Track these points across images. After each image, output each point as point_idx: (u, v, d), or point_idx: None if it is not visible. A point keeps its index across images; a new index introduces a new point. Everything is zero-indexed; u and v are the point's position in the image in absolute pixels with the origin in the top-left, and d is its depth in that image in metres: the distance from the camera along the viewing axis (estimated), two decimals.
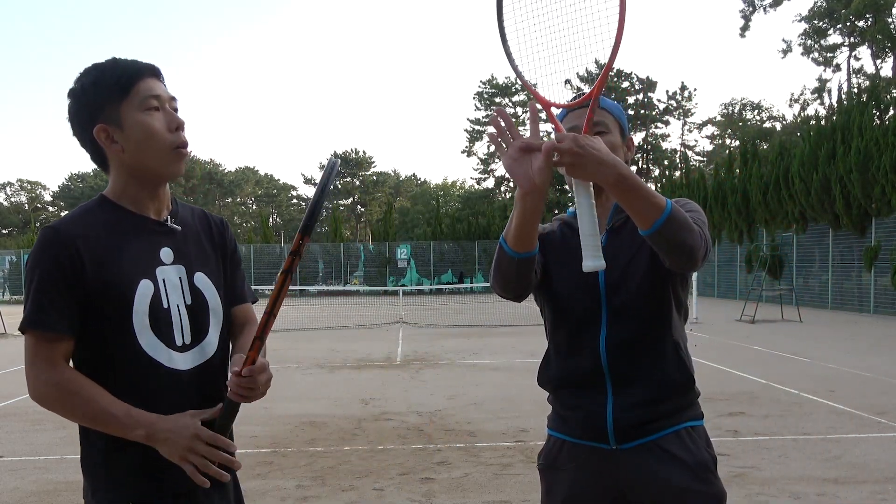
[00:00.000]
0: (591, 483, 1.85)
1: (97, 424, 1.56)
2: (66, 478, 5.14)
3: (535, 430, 6.25)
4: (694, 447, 1.81)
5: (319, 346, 13.09)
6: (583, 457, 1.86)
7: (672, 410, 1.81)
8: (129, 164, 1.64)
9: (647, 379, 1.80)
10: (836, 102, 21.09)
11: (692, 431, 1.83)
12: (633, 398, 1.79)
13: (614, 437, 1.80)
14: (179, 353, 1.65)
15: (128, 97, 1.60)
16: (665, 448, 1.79)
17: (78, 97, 1.63)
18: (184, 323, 1.67)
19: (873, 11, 33.09)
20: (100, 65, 1.64)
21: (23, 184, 69.15)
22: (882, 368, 9.49)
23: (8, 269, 34.95)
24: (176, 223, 1.73)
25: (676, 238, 1.55)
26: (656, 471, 1.78)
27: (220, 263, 1.81)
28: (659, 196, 1.54)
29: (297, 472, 5.17)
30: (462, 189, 64.10)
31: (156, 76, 1.66)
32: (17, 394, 8.50)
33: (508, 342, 13.12)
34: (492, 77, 55.88)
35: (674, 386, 1.81)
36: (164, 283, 1.65)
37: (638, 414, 1.79)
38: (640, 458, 1.79)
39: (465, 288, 33.91)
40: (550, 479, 1.94)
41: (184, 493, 1.63)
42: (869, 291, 18.88)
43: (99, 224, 1.62)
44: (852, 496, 4.52)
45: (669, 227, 1.53)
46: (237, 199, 70.98)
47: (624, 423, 1.79)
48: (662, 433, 1.80)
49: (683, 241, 1.56)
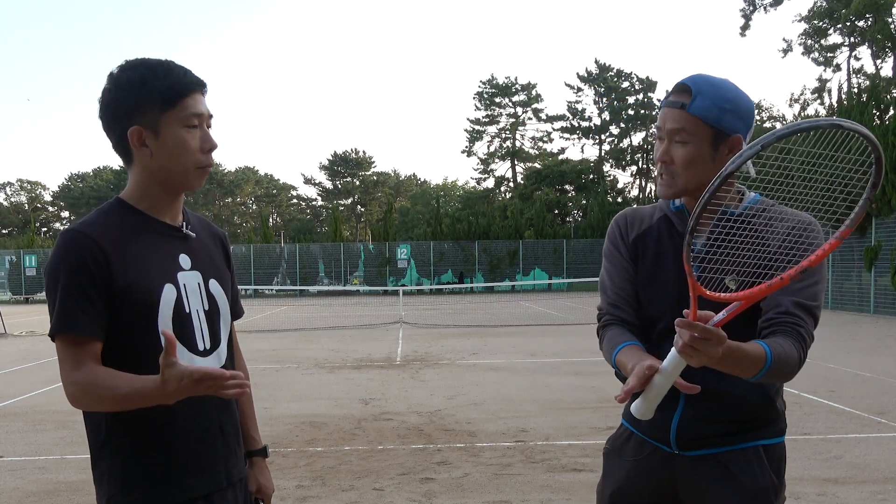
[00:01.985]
0: (647, 479, 1.87)
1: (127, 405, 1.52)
2: (66, 478, 5.14)
3: (535, 430, 6.24)
4: (758, 470, 1.76)
5: (319, 346, 13.09)
6: (646, 453, 1.87)
7: (742, 428, 1.78)
8: (153, 170, 1.64)
9: (718, 395, 1.75)
10: (837, 102, 21.11)
11: (763, 451, 1.78)
12: (701, 411, 1.77)
13: (676, 443, 1.81)
14: (202, 358, 1.66)
15: (173, 109, 1.59)
16: (726, 464, 1.77)
17: (121, 89, 1.60)
18: (204, 328, 1.68)
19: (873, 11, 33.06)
20: (151, 64, 1.62)
21: (23, 184, 69.19)
22: (882, 368, 9.50)
23: (8, 269, 34.94)
24: (189, 231, 1.74)
25: (775, 380, 1.66)
26: (709, 486, 1.77)
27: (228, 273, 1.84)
28: (757, 355, 1.56)
29: (296, 472, 5.17)
30: (462, 189, 64.13)
31: (203, 92, 1.66)
32: (17, 394, 8.50)
33: (508, 342, 13.10)
34: (492, 77, 55.91)
35: (746, 405, 1.77)
36: (184, 288, 1.66)
37: (703, 427, 1.77)
38: (698, 469, 1.79)
39: (465, 288, 33.91)
40: (610, 464, 1.97)
41: (202, 496, 1.64)
42: (869, 291, 18.89)
43: (120, 226, 1.62)
44: (852, 496, 4.52)
45: (766, 378, 1.61)
46: (237, 199, 70.94)
47: (686, 434, 1.79)
48: (728, 448, 1.77)
49: (780, 379, 1.66)
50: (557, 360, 10.77)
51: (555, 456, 5.45)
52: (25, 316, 23.09)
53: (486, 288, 33.76)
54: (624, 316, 1.87)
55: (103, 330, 1.56)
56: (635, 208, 2.00)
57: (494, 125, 56.36)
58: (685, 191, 1.79)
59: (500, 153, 56.22)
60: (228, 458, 1.72)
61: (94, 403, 1.56)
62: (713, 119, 1.71)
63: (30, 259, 34.72)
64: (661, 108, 1.82)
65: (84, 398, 1.54)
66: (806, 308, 1.67)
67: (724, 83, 1.74)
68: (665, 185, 1.81)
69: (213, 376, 1.41)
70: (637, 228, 1.92)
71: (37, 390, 8.71)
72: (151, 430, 1.60)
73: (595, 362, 10.40)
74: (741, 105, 1.74)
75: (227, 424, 1.72)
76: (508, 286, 33.29)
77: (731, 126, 1.73)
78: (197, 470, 1.64)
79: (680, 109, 1.74)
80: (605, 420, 6.59)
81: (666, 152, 1.77)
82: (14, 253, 35.77)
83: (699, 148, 1.73)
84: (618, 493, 1.92)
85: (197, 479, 1.63)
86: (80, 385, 1.52)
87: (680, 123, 1.73)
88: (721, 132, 1.72)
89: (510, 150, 55.73)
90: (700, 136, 1.73)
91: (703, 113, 1.71)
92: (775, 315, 1.66)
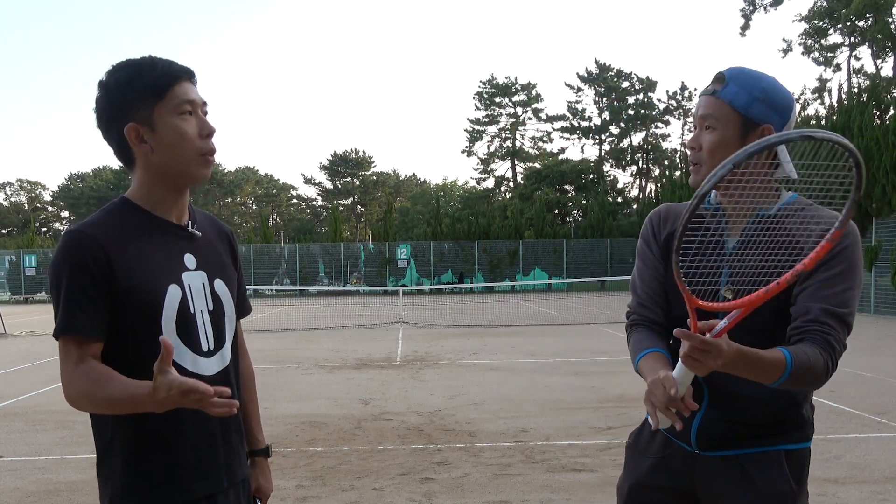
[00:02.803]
0: (666, 477, 1.87)
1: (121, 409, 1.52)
2: (66, 478, 5.14)
3: (535, 430, 6.24)
4: (777, 474, 1.74)
5: (319, 346, 13.09)
6: (667, 451, 1.87)
7: (765, 432, 1.76)
8: (156, 166, 1.63)
9: (741, 398, 1.74)
10: (837, 102, 21.10)
11: (786, 456, 1.75)
12: (723, 413, 1.77)
13: (696, 443, 1.80)
14: (205, 359, 1.66)
15: (163, 100, 1.60)
16: (744, 466, 1.75)
17: (111, 92, 1.62)
18: (208, 329, 1.68)
19: (873, 11, 33.06)
20: (135, 62, 1.63)
21: (22, 184, 69.17)
22: (882, 368, 9.50)
23: (8, 269, 34.93)
24: (196, 229, 1.73)
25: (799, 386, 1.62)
26: (725, 488, 1.76)
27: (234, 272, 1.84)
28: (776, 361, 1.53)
29: (296, 472, 5.17)
30: (462, 189, 64.11)
31: (191, 80, 1.66)
32: (17, 394, 8.50)
33: (508, 342, 13.09)
34: (492, 77, 55.88)
35: (770, 409, 1.75)
36: (189, 289, 1.65)
37: (723, 428, 1.77)
38: (717, 469, 1.78)
39: (465, 288, 33.90)
40: (631, 458, 1.97)
41: (204, 498, 1.65)
42: (869, 291, 18.89)
43: (124, 226, 1.61)
44: (852, 496, 4.52)
45: (789, 384, 1.58)
46: (237, 199, 70.94)
47: (706, 434, 1.78)
48: (748, 450, 1.76)
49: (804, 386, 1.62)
50: (557, 360, 10.77)
51: (555, 456, 5.45)
52: (25, 316, 23.09)
53: (486, 288, 33.75)
54: (652, 316, 1.86)
55: (104, 331, 1.56)
56: (670, 204, 1.97)
57: (494, 125, 56.35)
58: None
59: (500, 153, 56.20)
60: (231, 460, 1.72)
61: (89, 405, 1.56)
62: (741, 106, 1.71)
63: (30, 259, 34.71)
64: (699, 97, 1.83)
65: (80, 400, 1.54)
66: (835, 315, 1.62)
67: (761, 75, 1.75)
68: (693, 173, 1.82)
69: (198, 391, 1.38)
70: (670, 226, 1.89)
71: (37, 390, 8.71)
72: (155, 431, 1.60)
73: (595, 362, 10.40)
74: (775, 96, 1.72)
75: (230, 426, 1.72)
76: (508, 286, 33.29)
77: (762, 115, 1.71)
78: (198, 472, 1.64)
79: (711, 96, 1.75)
80: (605, 420, 6.59)
81: (695, 139, 1.79)
82: (14, 253, 35.76)
83: (726, 134, 1.73)
84: (637, 487, 1.92)
85: (198, 480, 1.63)
86: (77, 386, 1.52)
87: (710, 109, 1.75)
88: (749, 120, 1.71)
89: (510, 150, 55.71)
90: (728, 123, 1.73)
91: (733, 98, 1.72)
92: (803, 323, 1.63)
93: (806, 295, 1.65)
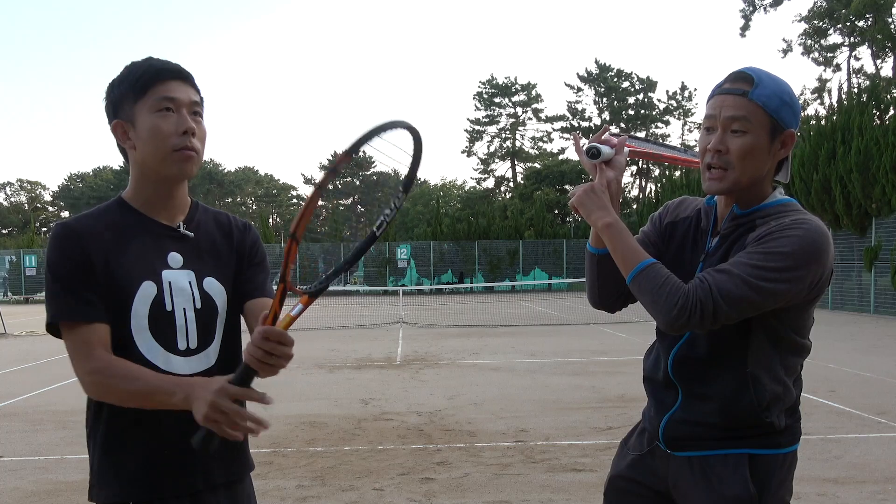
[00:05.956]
0: (645, 474, 1.89)
1: (145, 402, 1.55)
2: (66, 478, 5.14)
3: (535, 430, 6.24)
4: (733, 477, 1.70)
5: (319, 346, 13.08)
6: (647, 448, 1.90)
7: (726, 435, 1.73)
8: (139, 163, 1.67)
9: (709, 399, 1.74)
10: (836, 102, 21.05)
11: (749, 460, 1.71)
12: (689, 414, 1.77)
13: (664, 442, 1.81)
14: (180, 358, 1.65)
15: (144, 97, 1.62)
16: (704, 468, 1.74)
17: (107, 91, 1.68)
18: (190, 328, 1.67)
19: (873, 11, 33.07)
20: (134, 63, 1.68)
21: (23, 184, 69.16)
22: (882, 368, 9.49)
23: (8, 269, 34.92)
24: (190, 229, 1.72)
25: (641, 299, 1.70)
26: (688, 488, 1.77)
27: (238, 268, 1.79)
28: (637, 257, 1.68)
29: (296, 472, 5.17)
30: (462, 189, 64.10)
31: (181, 79, 1.65)
32: (17, 394, 8.50)
33: (508, 342, 13.09)
34: (491, 77, 55.90)
35: (732, 412, 1.71)
36: (169, 287, 1.65)
37: (687, 429, 1.77)
38: (683, 469, 1.79)
39: (465, 288, 33.90)
40: (618, 454, 2.01)
41: (186, 494, 1.64)
42: (869, 291, 18.89)
43: (108, 224, 1.65)
44: (852, 496, 4.52)
45: (634, 288, 1.70)
46: (237, 199, 70.95)
47: (671, 434, 1.79)
48: (710, 452, 1.75)
49: (647, 304, 1.67)
50: (557, 360, 10.77)
51: (555, 456, 5.45)
52: (25, 316, 23.07)
53: (486, 288, 33.74)
54: None
55: (101, 313, 1.58)
56: (687, 196, 1.97)
57: (494, 125, 56.38)
58: (737, 184, 1.69)
59: (500, 153, 56.23)
60: (209, 462, 1.67)
61: (110, 396, 1.57)
62: (773, 109, 1.64)
63: (30, 259, 34.70)
64: (714, 96, 1.71)
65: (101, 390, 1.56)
66: (726, 272, 1.60)
67: (780, 77, 1.71)
68: (716, 179, 1.70)
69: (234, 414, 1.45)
70: (677, 215, 1.91)
71: (37, 390, 8.71)
72: (127, 427, 1.62)
73: (595, 362, 10.40)
74: (795, 101, 1.70)
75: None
76: (508, 286, 33.28)
77: (788, 120, 1.67)
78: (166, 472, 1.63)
79: (741, 96, 1.65)
80: (605, 420, 6.59)
81: (721, 141, 1.66)
82: (14, 253, 35.75)
83: (758, 138, 1.65)
84: (616, 478, 1.96)
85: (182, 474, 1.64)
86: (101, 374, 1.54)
87: (740, 111, 1.64)
88: (778, 124, 1.66)
89: (510, 150, 55.74)
90: (760, 126, 1.64)
91: (766, 101, 1.64)
92: None
93: None
